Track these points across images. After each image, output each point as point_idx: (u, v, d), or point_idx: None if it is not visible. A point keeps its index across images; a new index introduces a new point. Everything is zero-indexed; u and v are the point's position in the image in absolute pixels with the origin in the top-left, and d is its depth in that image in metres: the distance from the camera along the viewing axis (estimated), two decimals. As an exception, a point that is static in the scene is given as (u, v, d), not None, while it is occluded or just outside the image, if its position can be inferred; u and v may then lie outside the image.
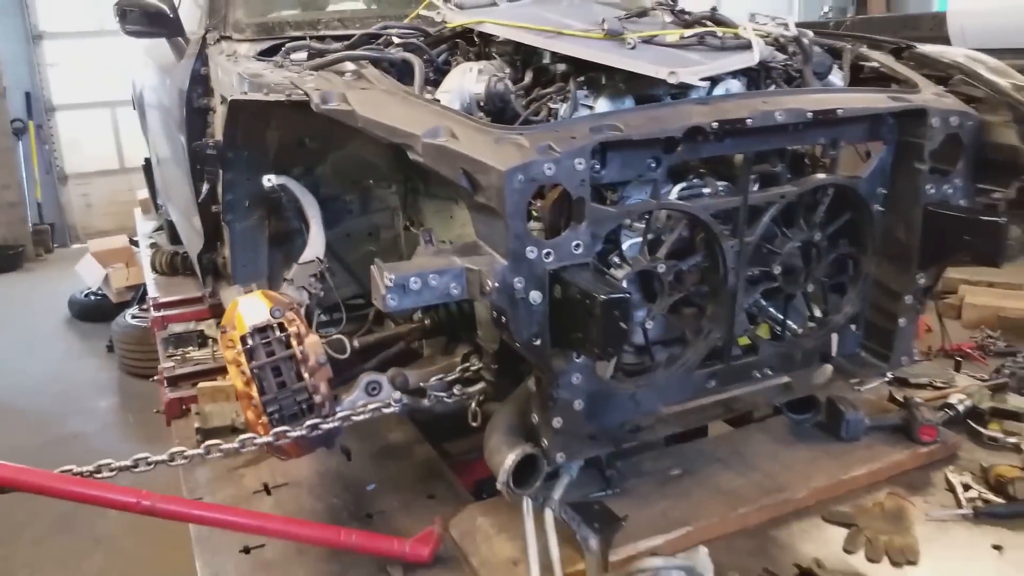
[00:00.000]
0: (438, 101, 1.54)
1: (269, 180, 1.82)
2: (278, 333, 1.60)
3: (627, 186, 1.61)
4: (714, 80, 1.74)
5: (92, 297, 5.61)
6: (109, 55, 6.48)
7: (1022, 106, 1.75)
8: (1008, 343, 3.14)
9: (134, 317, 4.62)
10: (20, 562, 3.05)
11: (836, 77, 1.95)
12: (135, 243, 5.44)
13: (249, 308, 1.62)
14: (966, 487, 1.93)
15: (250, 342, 1.58)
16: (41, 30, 6.94)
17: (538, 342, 1.40)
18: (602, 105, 1.66)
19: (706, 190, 1.66)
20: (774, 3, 10.57)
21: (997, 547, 1.74)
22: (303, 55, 1.86)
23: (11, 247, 6.87)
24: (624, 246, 1.65)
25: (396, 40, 1.82)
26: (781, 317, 1.86)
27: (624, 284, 1.60)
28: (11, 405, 4.44)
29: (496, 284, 1.30)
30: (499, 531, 1.76)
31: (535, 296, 1.36)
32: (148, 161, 4.59)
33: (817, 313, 1.92)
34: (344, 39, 1.99)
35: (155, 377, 2.82)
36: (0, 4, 6.76)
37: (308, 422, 1.63)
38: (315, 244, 1.87)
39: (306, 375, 1.61)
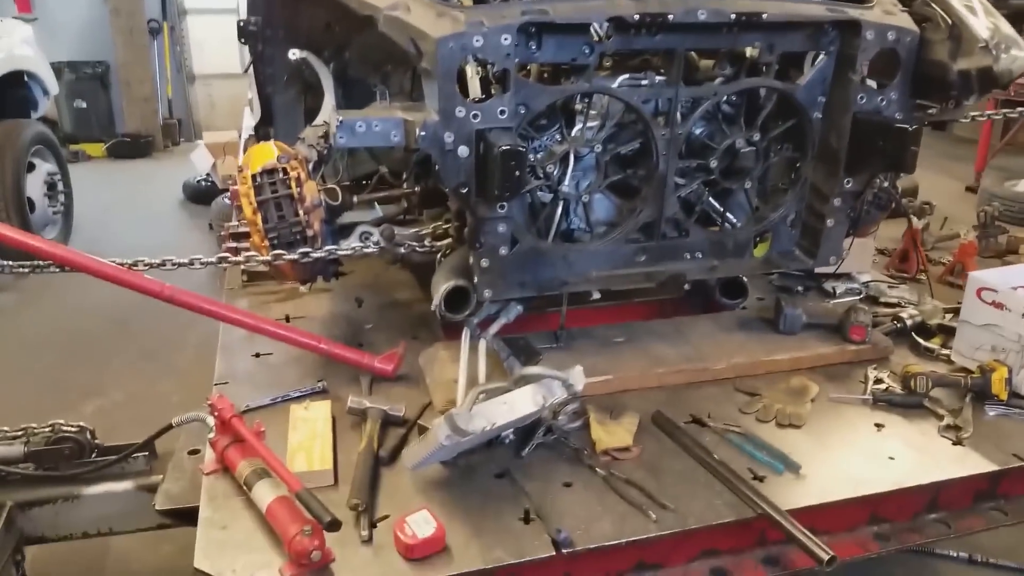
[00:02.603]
0: (410, -15, 1.84)
1: (294, 54, 2.20)
2: (282, 175, 2.00)
3: (580, 75, 1.87)
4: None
5: (202, 183, 6.34)
6: (236, -36, 7.09)
7: (961, 26, 1.86)
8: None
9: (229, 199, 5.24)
10: (109, 379, 3.69)
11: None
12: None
13: (262, 153, 2.01)
14: (878, 381, 2.12)
15: (258, 180, 1.98)
16: (176, -64, 7.68)
17: (465, 190, 1.72)
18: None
19: (644, 82, 1.90)
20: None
21: (879, 425, 1.95)
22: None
23: (143, 136, 7.75)
24: (575, 129, 1.93)
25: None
26: (720, 209, 2.09)
27: (570, 158, 1.90)
28: (124, 263, 5.19)
29: (423, 134, 1.62)
30: (453, 361, 2.12)
31: (463, 150, 1.68)
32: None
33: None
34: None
35: (221, 233, 3.33)
36: (141, -88, 7.51)
37: (301, 250, 2.03)
38: (327, 110, 2.24)
39: (302, 212, 2.01)
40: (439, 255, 2.12)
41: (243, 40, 2.31)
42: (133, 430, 2.61)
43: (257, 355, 2.30)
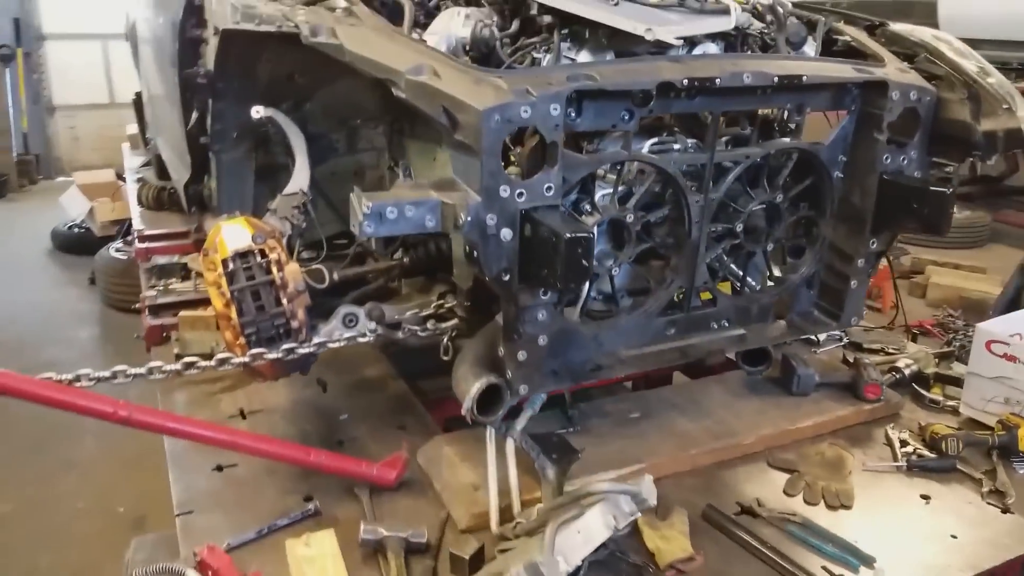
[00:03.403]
0: (424, 42, 1.60)
1: (257, 111, 1.87)
2: (259, 259, 1.67)
3: (603, 139, 1.69)
4: (692, 42, 1.81)
5: (75, 229, 5.62)
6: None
7: (978, 86, 1.83)
8: (966, 321, 3.27)
9: (118, 250, 4.65)
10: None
11: (809, 48, 2.03)
12: (122, 178, 5.44)
13: (232, 233, 1.68)
14: (903, 443, 2.06)
15: (231, 265, 1.65)
16: (30, -45, 6.83)
17: (507, 277, 1.48)
18: (584, 58, 1.72)
19: (676, 146, 1.74)
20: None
21: (925, 497, 1.87)
22: (296, -10, 1.90)
23: (-6, 176, 6.84)
24: (597, 196, 1.73)
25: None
26: (740, 273, 1.96)
27: (594, 230, 1.69)
28: (-11, 332, 4.47)
29: (469, 218, 1.38)
30: (463, 459, 1.87)
31: (506, 233, 1.44)
32: (139, 95, 4.58)
33: (776, 272, 2.03)
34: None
35: (137, 306, 2.88)
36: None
37: (285, 346, 1.71)
38: (300, 177, 1.93)
39: (284, 301, 1.69)
40: (445, 338, 1.86)
41: (189, 94, 1.95)
42: (32, 551, 2.15)
43: (219, 468, 1.92)
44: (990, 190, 6.62)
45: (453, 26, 1.65)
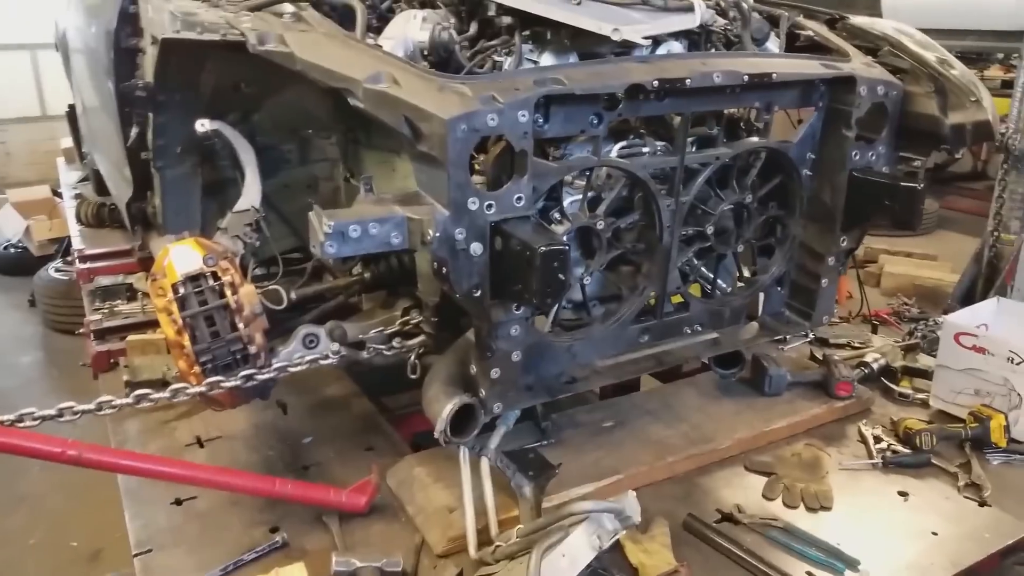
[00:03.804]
0: (380, 47, 1.52)
1: (203, 125, 1.76)
2: (211, 282, 1.57)
3: (568, 144, 1.63)
4: (656, 41, 1.76)
5: (12, 250, 5.35)
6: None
7: (944, 79, 1.83)
8: (921, 309, 3.31)
9: (58, 270, 4.43)
10: (-65, 520, 2.90)
11: (772, 44, 2.00)
12: (58, 194, 5.19)
13: (181, 256, 1.58)
14: (877, 439, 2.05)
15: (182, 290, 1.55)
16: (-50, -38, 6.50)
17: (478, 293, 1.41)
18: (547, 60, 1.66)
19: (645, 149, 1.69)
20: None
21: (903, 493, 1.87)
22: (240, -5, 1.80)
23: (-81, 195, 6.48)
24: (565, 203, 1.67)
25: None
26: (712, 276, 1.93)
27: (564, 239, 1.63)
28: (-77, 360, 4.24)
29: (437, 234, 1.31)
30: (435, 480, 1.79)
31: (476, 247, 1.37)
32: (72, 108, 4.36)
33: (746, 273, 2.00)
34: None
35: (81, 330, 2.73)
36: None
37: (243, 372, 1.61)
38: (250, 192, 1.83)
39: (241, 325, 1.59)
40: (412, 356, 1.78)
41: (128, 108, 1.84)
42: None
43: (178, 501, 1.82)
44: (934, 177, 6.78)
45: (410, 30, 1.57)
